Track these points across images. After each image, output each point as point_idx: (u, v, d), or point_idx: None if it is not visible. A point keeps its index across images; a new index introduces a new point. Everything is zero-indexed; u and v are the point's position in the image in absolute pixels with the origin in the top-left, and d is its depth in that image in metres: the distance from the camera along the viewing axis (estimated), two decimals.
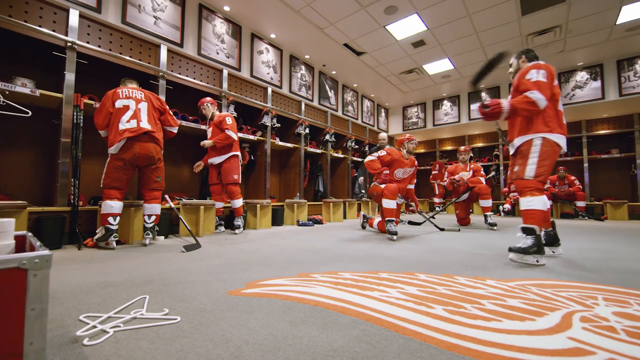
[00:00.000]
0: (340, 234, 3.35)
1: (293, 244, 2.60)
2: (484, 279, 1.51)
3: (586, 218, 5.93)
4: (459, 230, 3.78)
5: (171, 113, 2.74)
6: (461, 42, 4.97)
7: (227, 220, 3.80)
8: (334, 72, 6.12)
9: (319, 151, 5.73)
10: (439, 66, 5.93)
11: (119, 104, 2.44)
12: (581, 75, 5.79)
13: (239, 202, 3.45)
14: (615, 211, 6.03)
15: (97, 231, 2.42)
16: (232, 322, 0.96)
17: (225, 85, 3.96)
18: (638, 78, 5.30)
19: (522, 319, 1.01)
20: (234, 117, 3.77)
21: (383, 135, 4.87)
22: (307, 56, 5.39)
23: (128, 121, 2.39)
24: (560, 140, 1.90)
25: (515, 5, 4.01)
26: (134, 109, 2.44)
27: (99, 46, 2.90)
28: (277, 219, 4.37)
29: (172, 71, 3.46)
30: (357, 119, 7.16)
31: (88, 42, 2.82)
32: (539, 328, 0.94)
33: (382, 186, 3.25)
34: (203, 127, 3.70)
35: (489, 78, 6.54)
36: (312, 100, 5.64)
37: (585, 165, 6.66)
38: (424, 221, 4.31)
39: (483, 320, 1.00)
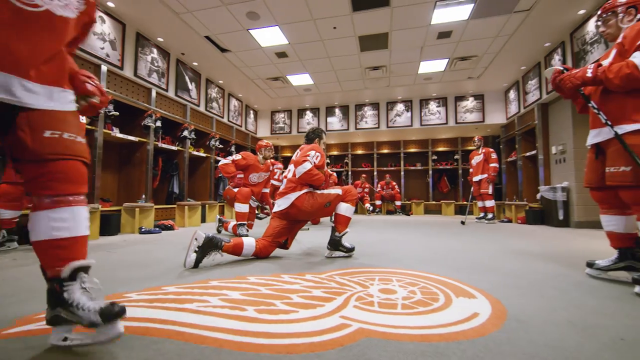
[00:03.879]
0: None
1: (120, 259, 2.22)
2: (304, 274, 1.75)
3: (400, 214, 7.89)
4: (308, 229, 4.24)
5: None
6: (318, 61, 5.61)
7: (24, 233, 2.83)
8: (195, 64, 5.64)
9: (174, 148, 5.14)
10: (301, 79, 6.47)
11: None
12: (400, 107, 7.67)
13: None
14: (417, 208, 8.29)
15: None
16: None
17: None
18: (431, 114, 7.49)
19: (315, 306, 1.23)
20: None
21: None
22: (160, 39, 4.74)
23: None
24: None
25: (356, 42, 4.89)
26: None
27: None
28: (110, 227, 3.62)
29: None
30: (222, 118, 6.86)
31: None
32: (323, 312, 1.17)
33: (236, 190, 3.26)
34: None
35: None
36: (166, 90, 5.00)
37: (402, 173, 8.85)
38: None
39: (284, 314, 1.15)
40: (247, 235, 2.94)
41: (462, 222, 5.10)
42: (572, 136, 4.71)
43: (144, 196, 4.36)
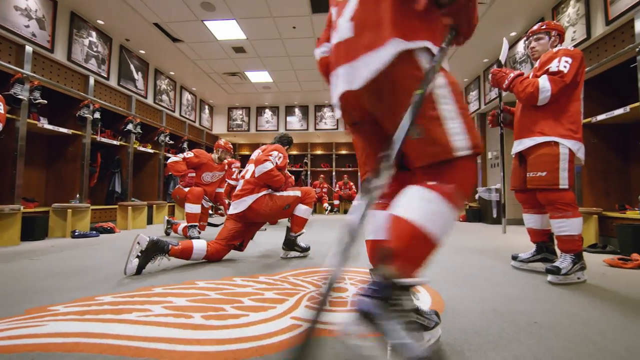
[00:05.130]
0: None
1: (45, 267, 1.96)
2: (257, 276, 1.72)
3: None
4: (265, 229, 4.17)
5: None
6: (277, 60, 5.55)
7: None
8: (142, 52, 5.20)
9: (116, 143, 4.68)
10: (259, 76, 6.34)
11: None
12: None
13: None
14: None
15: None
16: None
17: None
18: None
19: (267, 309, 1.22)
20: None
21: None
22: (100, 22, 4.27)
23: None
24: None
25: (314, 44, 4.93)
26: None
27: None
28: (35, 231, 3.18)
29: None
30: (173, 112, 6.42)
31: None
32: (275, 314, 1.17)
33: (187, 189, 3.08)
34: None
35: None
36: (107, 79, 4.53)
37: (359, 174, 9.14)
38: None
39: (233, 318, 1.12)
40: (198, 238, 2.80)
41: None
42: (505, 143, 5.30)
43: (78, 195, 3.90)
